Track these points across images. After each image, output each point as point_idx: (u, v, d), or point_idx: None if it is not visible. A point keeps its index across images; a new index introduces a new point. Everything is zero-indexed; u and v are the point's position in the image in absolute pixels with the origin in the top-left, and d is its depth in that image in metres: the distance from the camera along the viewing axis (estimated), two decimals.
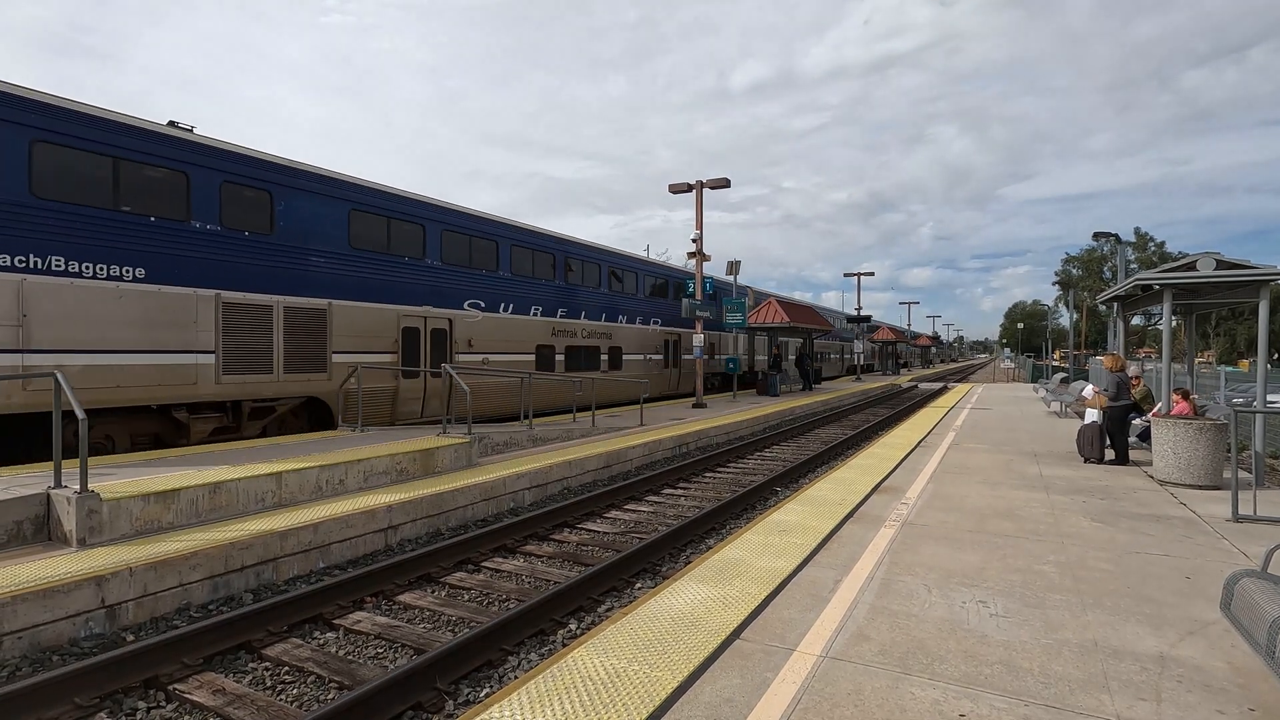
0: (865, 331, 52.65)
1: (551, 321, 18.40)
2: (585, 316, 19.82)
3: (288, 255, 11.93)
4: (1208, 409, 9.64)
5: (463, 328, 15.42)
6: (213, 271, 10.75)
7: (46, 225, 8.94)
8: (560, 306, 18.79)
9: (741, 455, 14.05)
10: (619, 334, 21.55)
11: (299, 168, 12.20)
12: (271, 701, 4.35)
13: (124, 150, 9.80)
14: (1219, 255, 9.02)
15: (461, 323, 15.40)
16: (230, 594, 6.08)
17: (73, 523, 6.00)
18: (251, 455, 8.95)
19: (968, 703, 3.35)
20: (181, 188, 10.48)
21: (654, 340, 23.96)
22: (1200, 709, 3.30)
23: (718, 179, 20.63)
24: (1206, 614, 4.41)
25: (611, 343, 21.04)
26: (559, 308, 18.70)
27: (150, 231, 10.02)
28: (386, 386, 13.56)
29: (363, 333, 13.14)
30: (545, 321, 18.16)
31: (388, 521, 7.69)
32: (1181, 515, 7.09)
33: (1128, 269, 27.18)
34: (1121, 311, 13.78)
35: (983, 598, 4.73)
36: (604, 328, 20.78)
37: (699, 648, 3.94)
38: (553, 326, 18.39)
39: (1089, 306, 63.40)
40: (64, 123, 9.18)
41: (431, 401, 14.41)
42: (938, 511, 7.21)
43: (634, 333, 22.54)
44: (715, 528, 8.64)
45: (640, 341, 22.94)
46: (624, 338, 21.86)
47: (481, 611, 5.80)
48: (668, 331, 24.83)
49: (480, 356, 15.80)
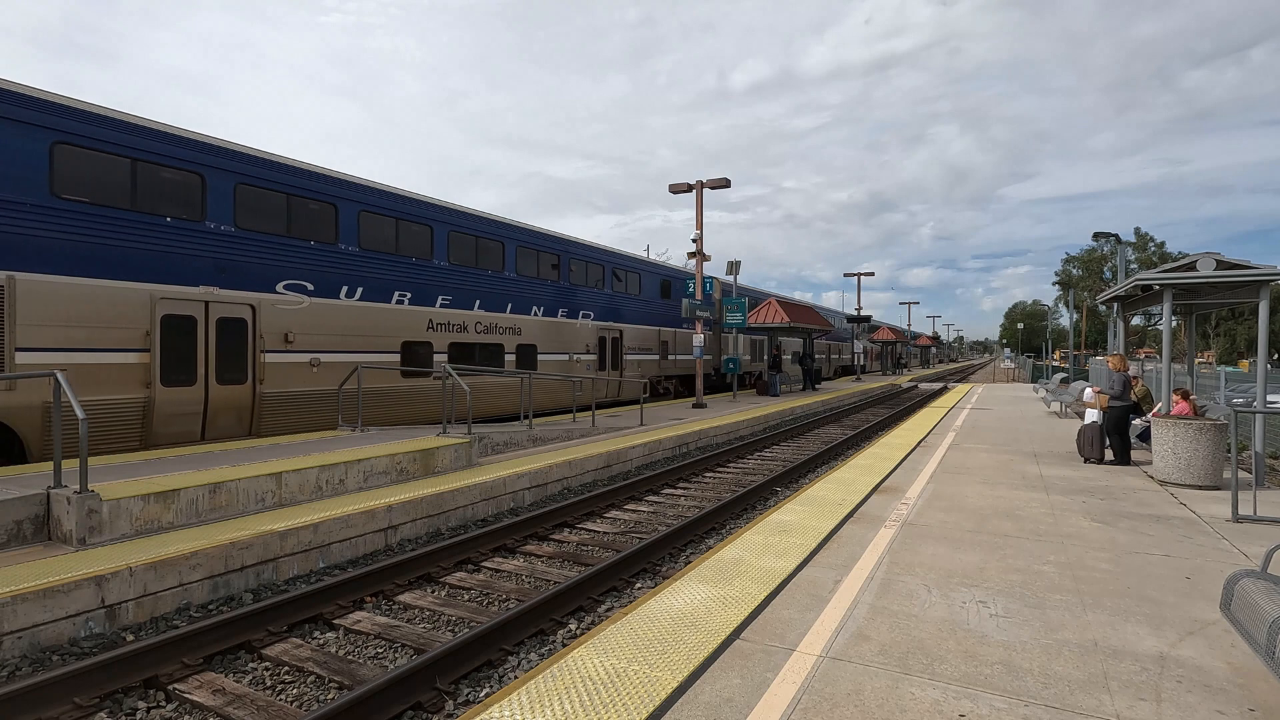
0: (865, 331, 52.67)
1: (426, 312, 14.70)
2: (481, 307, 16.13)
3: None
4: (1208, 409, 9.64)
5: (275, 318, 11.63)
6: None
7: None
8: (442, 293, 15.10)
9: (741, 455, 14.05)
10: (532, 329, 17.92)
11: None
12: (271, 701, 4.35)
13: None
14: (1219, 255, 9.02)
15: (273, 311, 11.61)
16: (230, 594, 6.08)
17: (73, 522, 6.00)
18: (251, 455, 8.95)
19: (968, 703, 3.35)
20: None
21: (584, 337, 20.13)
22: (1200, 709, 3.30)
23: (718, 179, 20.63)
24: (1206, 614, 4.41)
25: (522, 340, 17.49)
26: (439, 295, 15.02)
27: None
28: (130, 399, 9.89)
29: (81, 321, 9.40)
30: (417, 312, 14.47)
31: (388, 521, 7.69)
32: (1181, 515, 7.09)
33: (1128, 269, 27.18)
34: (1121, 311, 13.78)
35: (983, 598, 4.73)
36: (510, 321, 17.12)
37: (699, 648, 3.94)
38: (429, 318, 14.73)
39: (1089, 306, 63.39)
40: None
41: (221, 419, 11.00)
42: (938, 511, 7.21)
43: (553, 328, 18.81)
44: (715, 528, 8.64)
45: (561, 338, 19.14)
46: (538, 334, 18.18)
47: (481, 611, 5.80)
48: (605, 328, 21.17)
49: (307, 357, 12.10)
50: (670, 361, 25.11)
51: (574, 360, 19.67)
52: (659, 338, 24.11)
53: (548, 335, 18.61)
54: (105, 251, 9.73)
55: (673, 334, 25.34)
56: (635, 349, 22.52)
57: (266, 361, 11.54)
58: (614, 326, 21.65)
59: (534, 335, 18.01)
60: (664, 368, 24.75)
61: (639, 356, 22.92)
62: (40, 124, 9.12)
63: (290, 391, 11.92)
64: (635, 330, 22.86)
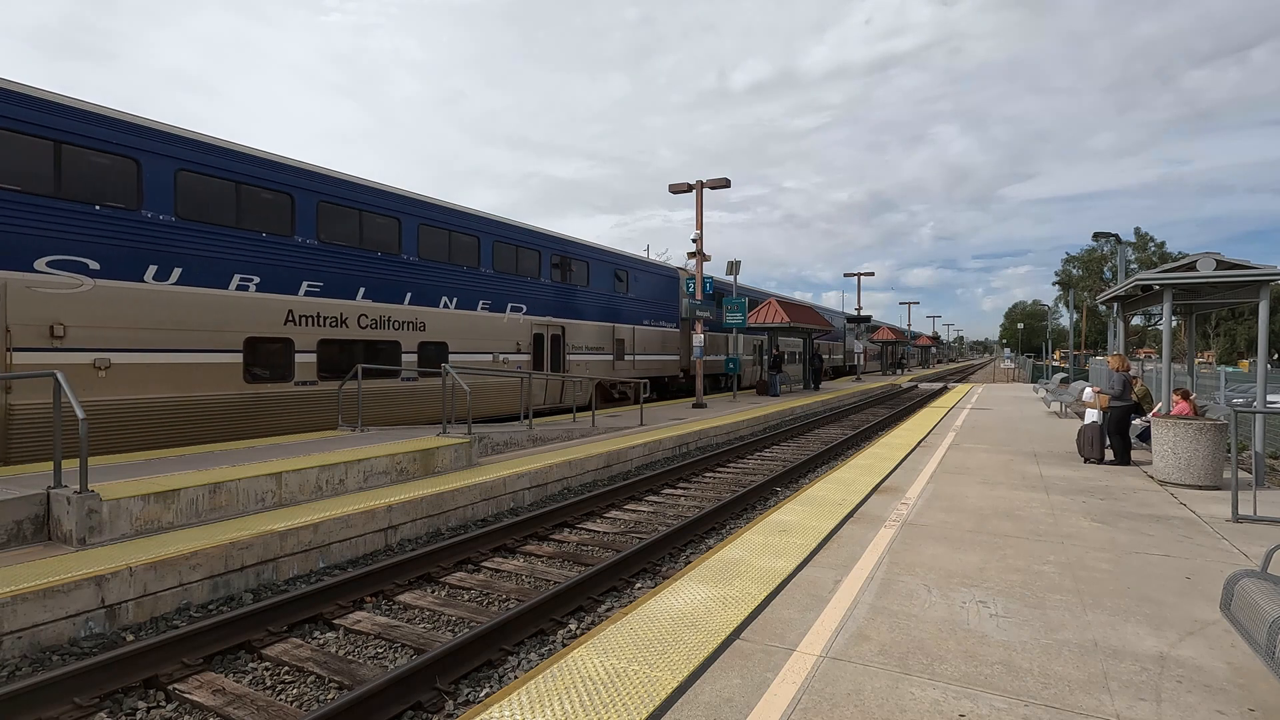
0: (865, 331, 52.71)
1: (283, 301, 11.87)
2: (367, 296, 13.33)
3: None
4: (1208, 409, 9.64)
5: (34, 304, 8.92)
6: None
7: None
8: (308, 279, 12.29)
9: (741, 455, 14.05)
10: (441, 324, 15.10)
11: None
12: (271, 701, 4.35)
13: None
14: (1219, 255, 9.02)
15: (29, 296, 8.88)
16: (230, 594, 6.08)
17: (73, 522, 6.00)
18: (251, 455, 8.95)
19: (967, 703, 3.35)
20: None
21: (514, 334, 17.22)
22: (1200, 709, 3.30)
23: (718, 179, 20.63)
24: (1206, 614, 4.41)
25: (426, 336, 14.72)
26: (304, 280, 12.22)
27: None
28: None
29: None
30: (268, 301, 11.61)
31: (387, 521, 7.69)
32: (1181, 515, 7.09)
33: (1128, 269, 27.19)
34: (1121, 311, 13.78)
35: (983, 598, 4.73)
36: (410, 314, 14.31)
37: (699, 648, 3.94)
38: (288, 309, 11.93)
39: (1089, 307, 63.40)
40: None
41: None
42: (938, 511, 7.21)
43: (471, 323, 15.93)
44: (715, 528, 8.64)
45: (482, 335, 16.25)
46: (450, 329, 15.35)
47: (481, 611, 5.80)
48: (542, 323, 18.22)
49: (89, 357, 9.39)
50: (627, 362, 21.75)
51: (500, 361, 16.67)
52: (613, 335, 21.24)
53: (463, 331, 15.66)
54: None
55: (630, 331, 22.14)
56: (583, 348, 19.77)
57: (16, 362, 8.70)
58: (554, 322, 18.64)
59: (443, 331, 15.11)
60: (619, 370, 21.45)
61: (588, 357, 19.92)
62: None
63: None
64: (582, 327, 19.91)
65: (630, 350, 22.16)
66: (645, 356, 23.15)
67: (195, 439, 10.47)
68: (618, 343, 21.47)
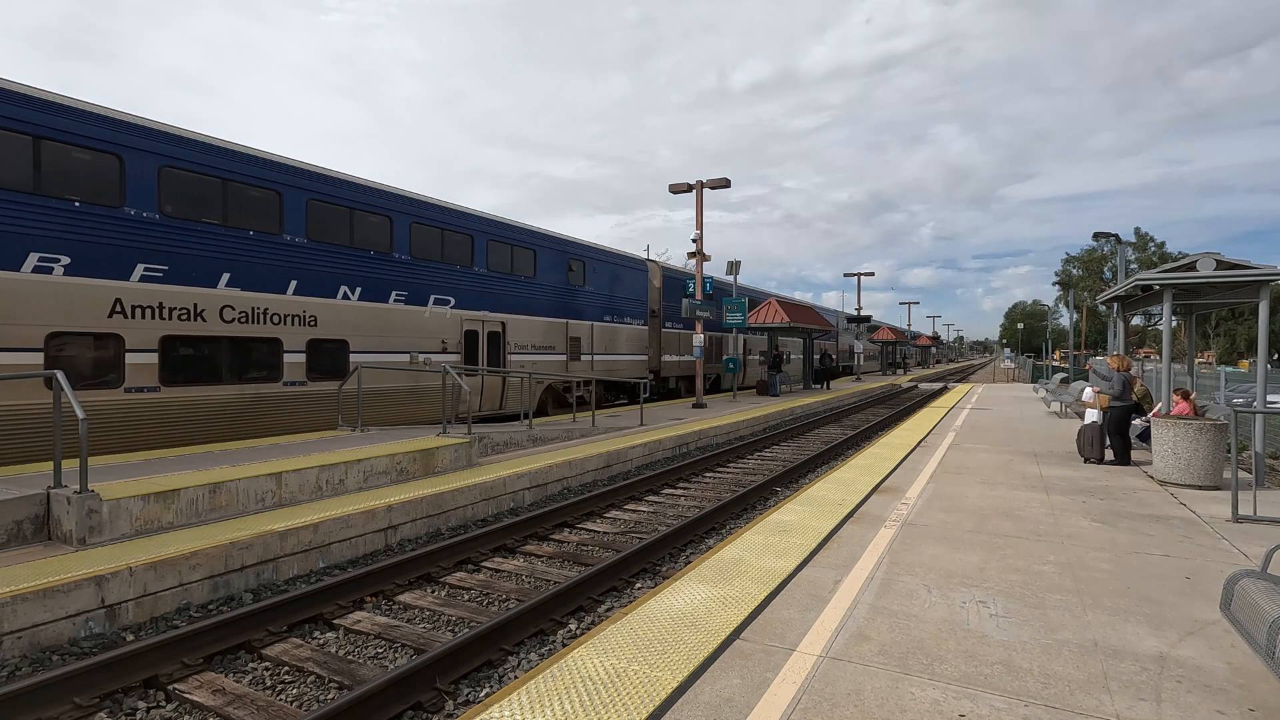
0: (865, 331, 52.74)
1: (108, 289, 9.53)
2: (234, 284, 10.93)
3: None
4: (1208, 409, 9.64)
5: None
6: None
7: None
8: (145, 261, 9.95)
9: (741, 455, 14.05)
10: (338, 319, 12.58)
11: None
12: (271, 701, 4.35)
13: None
14: (1219, 255, 9.02)
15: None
16: (230, 594, 6.08)
17: (73, 522, 6.00)
18: (251, 455, 8.95)
19: (967, 703, 3.35)
20: None
21: (439, 331, 14.70)
22: (1200, 709, 3.30)
23: (718, 179, 20.64)
24: (1206, 614, 4.41)
25: (318, 333, 12.20)
26: (139, 263, 9.88)
27: None
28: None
29: None
30: (84, 288, 9.30)
31: (388, 521, 7.69)
32: (1181, 515, 7.09)
33: (1128, 269, 27.19)
34: (1121, 312, 13.78)
35: (983, 598, 4.73)
36: (295, 306, 11.83)
37: (699, 648, 3.94)
38: (115, 298, 9.61)
39: (1089, 307, 63.40)
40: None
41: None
42: (938, 511, 7.21)
43: (380, 318, 13.39)
44: (715, 528, 8.64)
45: (396, 332, 13.70)
46: (351, 325, 12.78)
47: (481, 611, 5.80)
48: (476, 319, 15.69)
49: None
50: (584, 363, 19.37)
51: (423, 362, 14.20)
52: (566, 333, 18.81)
53: (369, 327, 13.14)
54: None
55: (588, 328, 19.69)
56: (529, 346, 17.42)
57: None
58: (492, 317, 16.18)
59: (341, 326, 12.63)
60: (574, 371, 18.91)
61: (536, 357, 17.62)
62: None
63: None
64: (528, 323, 17.44)
65: (588, 349, 19.71)
66: (607, 356, 20.65)
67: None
68: (572, 341, 19.08)
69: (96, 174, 9.60)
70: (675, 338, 25.37)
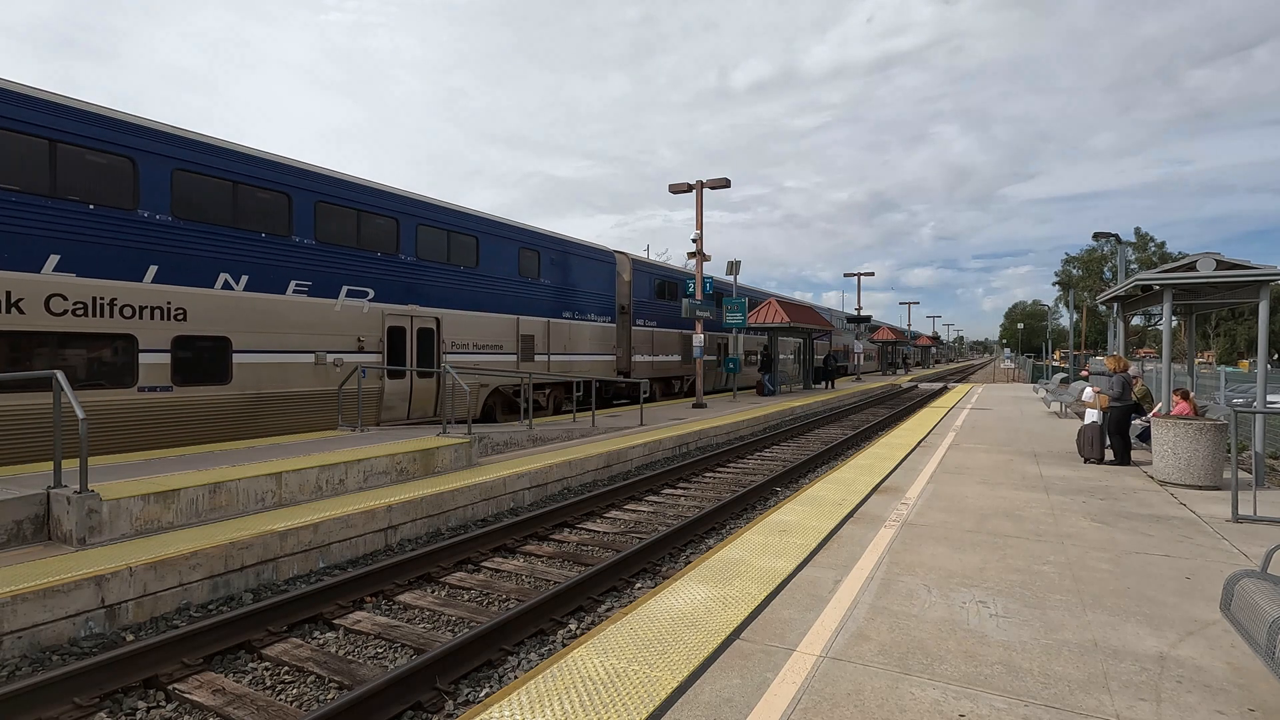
0: (865, 331, 52.76)
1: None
2: (65, 268, 9.10)
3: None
4: (1208, 409, 9.64)
5: None
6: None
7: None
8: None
9: (741, 455, 14.05)
10: (215, 313, 10.66)
11: None
12: (271, 701, 4.35)
13: None
14: (1219, 255, 9.02)
15: None
16: (230, 594, 6.08)
17: (72, 522, 6.00)
18: (251, 455, 8.95)
19: (967, 703, 3.35)
20: None
21: (354, 328, 12.73)
22: (1200, 709, 3.30)
23: (718, 179, 20.65)
24: (1206, 614, 4.41)
25: (187, 329, 10.31)
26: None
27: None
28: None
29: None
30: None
31: (388, 521, 7.69)
32: (1181, 515, 7.09)
33: (1128, 269, 27.19)
34: (1121, 312, 13.78)
35: (982, 598, 4.73)
36: (156, 296, 10.01)
37: (699, 648, 3.94)
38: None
39: (1089, 307, 63.42)
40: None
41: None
42: (938, 511, 7.21)
43: (272, 312, 11.43)
44: (715, 527, 8.64)
45: (293, 326, 11.72)
46: (232, 320, 10.85)
47: (481, 611, 5.80)
48: (402, 312, 13.76)
49: None
50: (538, 364, 17.48)
51: (333, 364, 12.27)
52: (517, 331, 16.85)
53: (257, 322, 11.19)
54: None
55: (543, 325, 17.80)
56: (470, 345, 15.41)
57: None
58: (423, 312, 14.27)
59: (220, 321, 10.68)
60: (530, 372, 15.84)
61: (480, 356, 15.70)
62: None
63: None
64: (469, 318, 15.38)
65: (543, 348, 17.85)
66: (566, 356, 18.69)
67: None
68: (524, 339, 17.15)
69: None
70: (649, 336, 23.25)
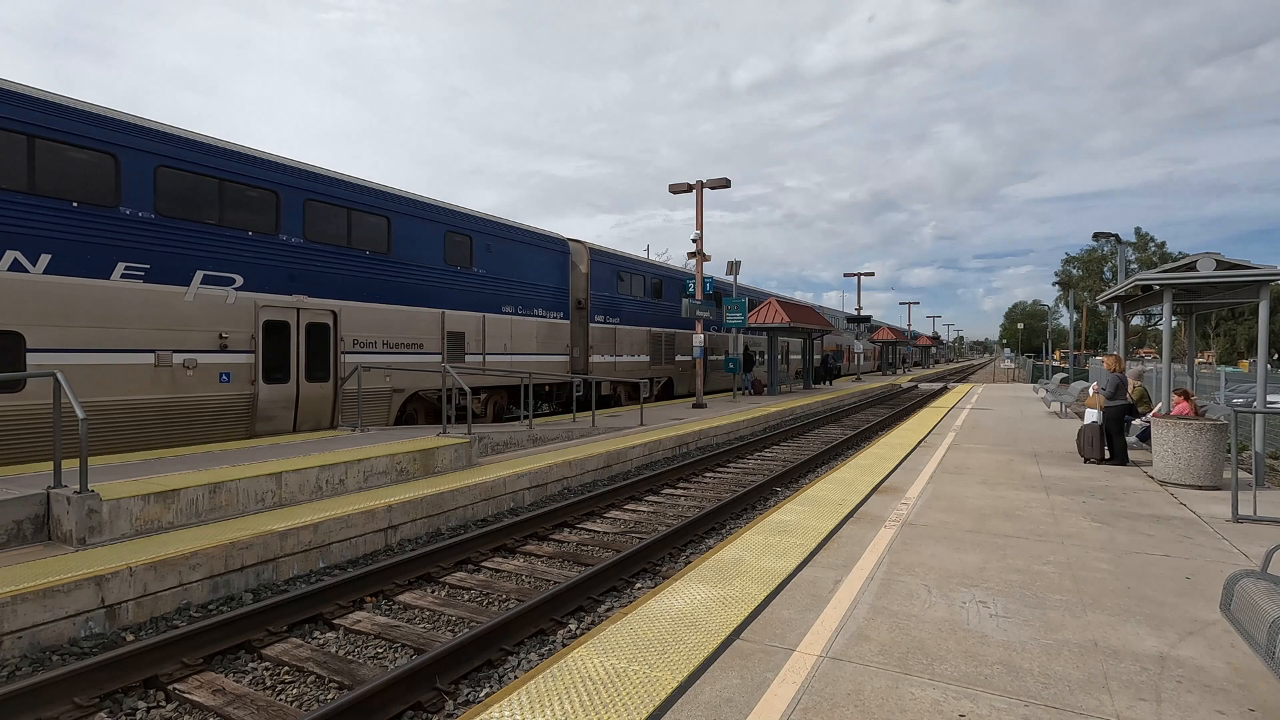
0: (865, 331, 52.76)
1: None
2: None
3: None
4: (1208, 409, 9.64)
5: None
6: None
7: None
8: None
9: (741, 455, 14.05)
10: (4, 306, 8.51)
11: None
12: (271, 701, 4.35)
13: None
14: (1219, 255, 9.02)
15: None
16: (230, 594, 6.08)
17: (72, 522, 6.00)
18: (251, 455, 8.95)
19: (968, 703, 3.35)
20: None
21: (212, 321, 10.61)
22: (1200, 709, 3.30)
23: (718, 179, 20.65)
24: (1206, 614, 4.41)
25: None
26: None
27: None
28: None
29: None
30: None
31: (388, 521, 7.69)
32: (1181, 515, 7.09)
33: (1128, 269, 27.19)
34: (1121, 312, 13.78)
35: (983, 598, 4.73)
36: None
37: (699, 648, 3.94)
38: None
39: (1089, 307, 63.40)
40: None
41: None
42: (938, 511, 7.21)
43: (85, 300, 9.20)
44: (715, 528, 8.64)
45: (121, 321, 9.53)
46: (26, 310, 8.64)
47: (481, 611, 5.80)
48: (285, 304, 11.63)
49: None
50: (470, 365, 15.26)
51: (182, 368, 10.21)
52: (442, 327, 14.65)
53: (65, 315, 9.01)
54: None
55: (477, 321, 15.54)
56: (378, 344, 13.18)
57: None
58: (313, 304, 12.04)
59: (7, 313, 8.50)
60: (450, 375, 12.04)
61: (393, 357, 13.44)
62: None
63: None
64: (376, 313, 13.19)
65: (476, 348, 15.57)
66: (506, 356, 16.39)
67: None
68: (451, 337, 14.92)
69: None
70: (610, 334, 20.79)
